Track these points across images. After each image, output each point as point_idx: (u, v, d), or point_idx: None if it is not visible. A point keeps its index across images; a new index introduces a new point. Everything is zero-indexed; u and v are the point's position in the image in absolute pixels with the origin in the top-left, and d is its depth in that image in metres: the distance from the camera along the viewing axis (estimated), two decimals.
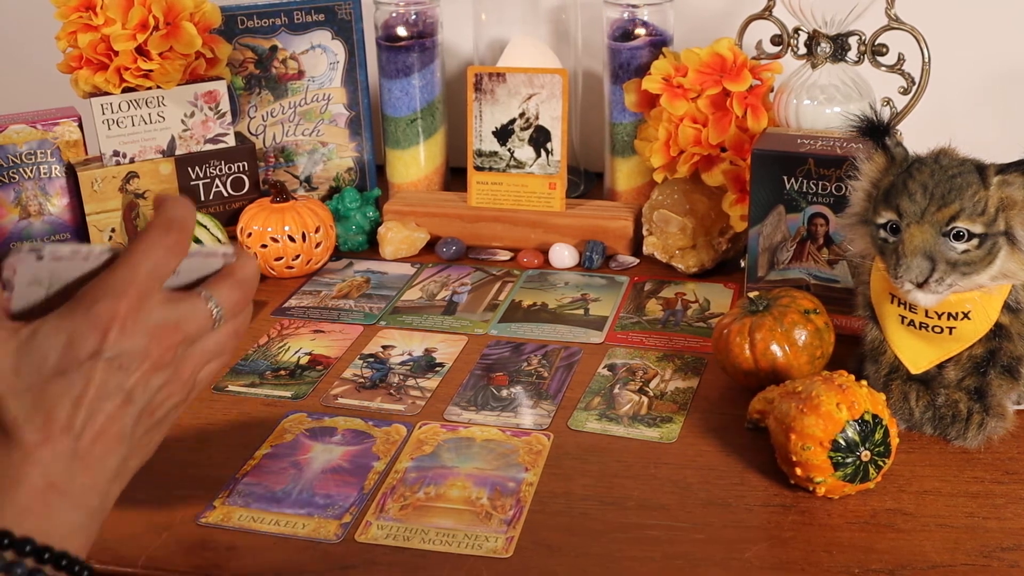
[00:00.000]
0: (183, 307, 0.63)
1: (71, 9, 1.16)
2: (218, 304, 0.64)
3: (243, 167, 1.29)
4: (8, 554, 0.57)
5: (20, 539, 0.57)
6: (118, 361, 0.60)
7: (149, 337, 0.61)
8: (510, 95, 1.29)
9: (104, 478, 0.61)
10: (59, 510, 0.59)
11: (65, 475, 0.59)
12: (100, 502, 0.61)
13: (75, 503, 0.60)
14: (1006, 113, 1.36)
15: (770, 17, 1.21)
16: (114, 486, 0.62)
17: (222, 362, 0.67)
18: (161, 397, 0.63)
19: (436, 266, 1.28)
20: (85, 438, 0.60)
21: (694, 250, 1.22)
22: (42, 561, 0.57)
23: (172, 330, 0.62)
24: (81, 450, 0.59)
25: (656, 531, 0.82)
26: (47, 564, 0.58)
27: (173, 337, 0.62)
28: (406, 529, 0.83)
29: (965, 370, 0.91)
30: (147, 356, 0.61)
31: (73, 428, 0.59)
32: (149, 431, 0.64)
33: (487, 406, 0.99)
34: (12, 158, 1.21)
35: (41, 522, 0.58)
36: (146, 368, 0.61)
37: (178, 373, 0.63)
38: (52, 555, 0.58)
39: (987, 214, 0.84)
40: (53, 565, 0.58)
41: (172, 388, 0.64)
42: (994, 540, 0.80)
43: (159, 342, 0.61)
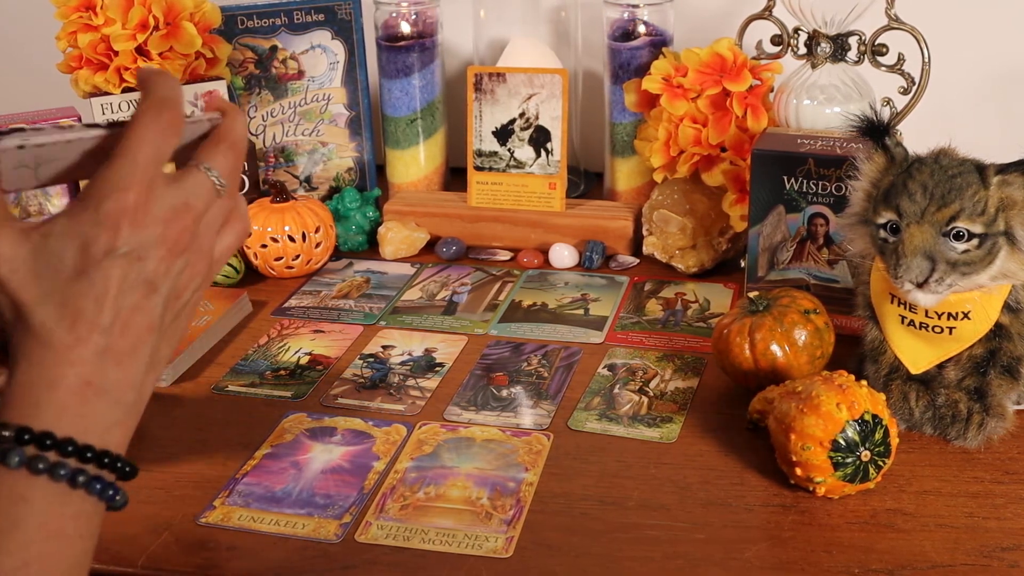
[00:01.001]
0: (187, 185, 0.62)
1: (71, 9, 1.16)
2: (217, 173, 0.64)
3: (243, 167, 1.29)
4: (51, 455, 0.57)
5: (62, 439, 0.57)
6: (136, 253, 0.59)
7: (162, 223, 0.60)
8: (510, 95, 1.29)
9: (138, 370, 0.61)
10: (96, 407, 0.59)
11: (99, 372, 0.59)
12: (136, 395, 0.61)
13: (112, 399, 0.59)
14: (1006, 113, 1.36)
15: (770, 17, 1.21)
16: (148, 377, 0.62)
17: (236, 232, 0.67)
18: (184, 279, 0.63)
19: (436, 266, 1.28)
20: (115, 333, 0.59)
21: (694, 250, 1.22)
22: (84, 460, 0.57)
23: (183, 211, 0.61)
24: (113, 345, 0.59)
25: (656, 531, 0.82)
26: (90, 463, 0.58)
27: (185, 218, 0.61)
28: (406, 529, 0.83)
29: (965, 370, 0.91)
30: (163, 242, 0.60)
31: (101, 325, 0.59)
32: (177, 316, 0.63)
33: (487, 406, 0.99)
34: None
35: (80, 421, 0.58)
36: (164, 254, 0.60)
37: (197, 252, 0.63)
38: (94, 454, 0.58)
39: (987, 214, 0.84)
40: (96, 464, 0.58)
41: (194, 269, 0.63)
42: (994, 540, 0.80)
43: (173, 226, 0.61)
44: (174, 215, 0.61)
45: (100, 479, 0.58)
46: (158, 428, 0.97)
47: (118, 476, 0.59)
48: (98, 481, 0.58)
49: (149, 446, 0.94)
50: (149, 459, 0.92)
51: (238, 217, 0.66)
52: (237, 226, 0.66)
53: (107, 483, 0.58)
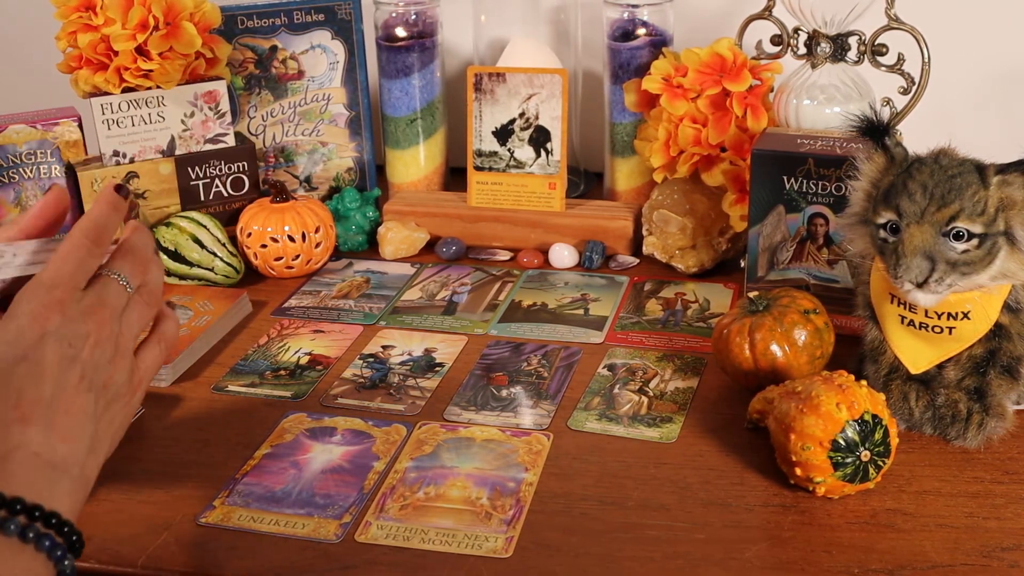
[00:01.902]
0: (98, 287, 0.72)
1: (71, 9, 1.16)
2: (120, 275, 0.73)
3: (243, 167, 1.29)
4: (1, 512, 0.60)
5: (11, 498, 0.61)
6: (67, 340, 0.68)
7: (85, 316, 0.69)
8: (510, 95, 1.29)
9: (80, 449, 0.66)
10: (44, 476, 0.63)
11: (45, 445, 0.64)
12: (79, 472, 0.66)
13: (59, 471, 0.64)
14: (1006, 113, 1.36)
15: (770, 17, 1.21)
16: (90, 460, 0.67)
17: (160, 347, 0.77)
18: (110, 371, 0.70)
19: (436, 266, 1.28)
20: (57, 410, 0.66)
21: (694, 250, 1.22)
22: (33, 518, 0.61)
23: (100, 307, 0.71)
24: (56, 422, 0.65)
25: (656, 531, 0.82)
26: (37, 521, 0.61)
27: (103, 313, 0.71)
28: (406, 529, 0.83)
29: (965, 370, 0.91)
30: (88, 334, 0.69)
31: (44, 401, 0.65)
32: (108, 407, 0.70)
33: (487, 406, 0.99)
34: (12, 158, 1.21)
35: (29, 487, 0.62)
36: (91, 343, 0.69)
37: (118, 347, 0.71)
38: (42, 513, 0.62)
39: (987, 214, 0.84)
40: (43, 523, 0.62)
41: (117, 363, 0.71)
42: (994, 540, 0.80)
43: (93, 319, 0.70)
44: (93, 310, 0.70)
45: (49, 537, 0.61)
46: (158, 428, 0.97)
47: (66, 542, 0.63)
48: (47, 538, 0.61)
49: (149, 446, 0.94)
50: (149, 459, 0.93)
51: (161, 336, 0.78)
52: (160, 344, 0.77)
53: (56, 543, 0.62)
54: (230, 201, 1.29)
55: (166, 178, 1.25)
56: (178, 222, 1.23)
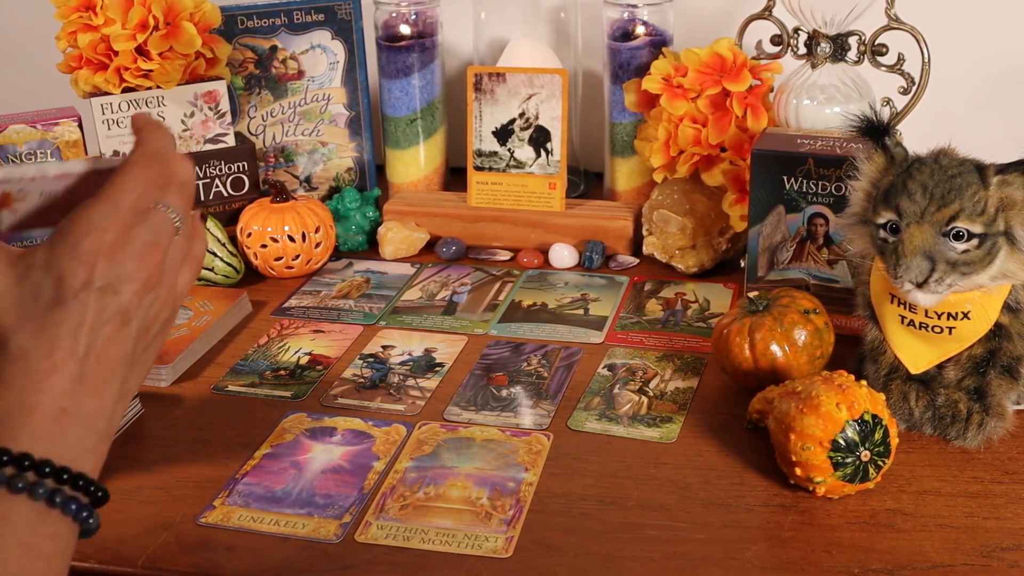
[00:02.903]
0: (154, 224, 0.66)
1: (71, 9, 1.16)
2: (175, 211, 0.68)
3: (243, 167, 1.29)
4: (30, 475, 0.59)
5: (40, 461, 0.59)
6: (111, 287, 0.63)
7: (136, 260, 0.64)
8: (510, 95, 1.29)
9: (110, 399, 0.63)
10: (71, 433, 0.61)
11: (74, 399, 0.61)
12: (107, 424, 0.63)
13: (85, 426, 0.62)
14: (1006, 113, 1.36)
15: (770, 17, 1.21)
16: (118, 407, 0.65)
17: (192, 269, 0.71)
18: (154, 313, 0.66)
19: (436, 266, 1.28)
20: (90, 363, 0.62)
21: (694, 250, 1.22)
22: (61, 482, 0.60)
23: (152, 248, 0.65)
24: (87, 374, 0.62)
25: (656, 531, 0.82)
26: (65, 484, 0.60)
27: (155, 255, 0.65)
28: (406, 529, 0.83)
29: (965, 370, 0.91)
30: (137, 277, 0.64)
31: (76, 354, 0.62)
32: (147, 348, 0.67)
33: (487, 406, 0.99)
34: (12, 158, 1.21)
35: (56, 445, 0.60)
36: (138, 288, 0.64)
37: (164, 286, 0.67)
38: (70, 476, 0.60)
39: (987, 214, 0.84)
40: (71, 485, 0.60)
41: (163, 302, 0.67)
42: (994, 540, 0.80)
43: (144, 263, 0.65)
44: (145, 252, 0.64)
45: (76, 500, 0.60)
46: (158, 428, 0.97)
47: (91, 500, 0.62)
48: (73, 502, 0.60)
49: (149, 446, 0.94)
50: (149, 459, 0.93)
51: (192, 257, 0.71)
52: (192, 264, 0.71)
53: (82, 504, 0.61)
54: (230, 201, 1.29)
55: None
56: None
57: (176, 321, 1.07)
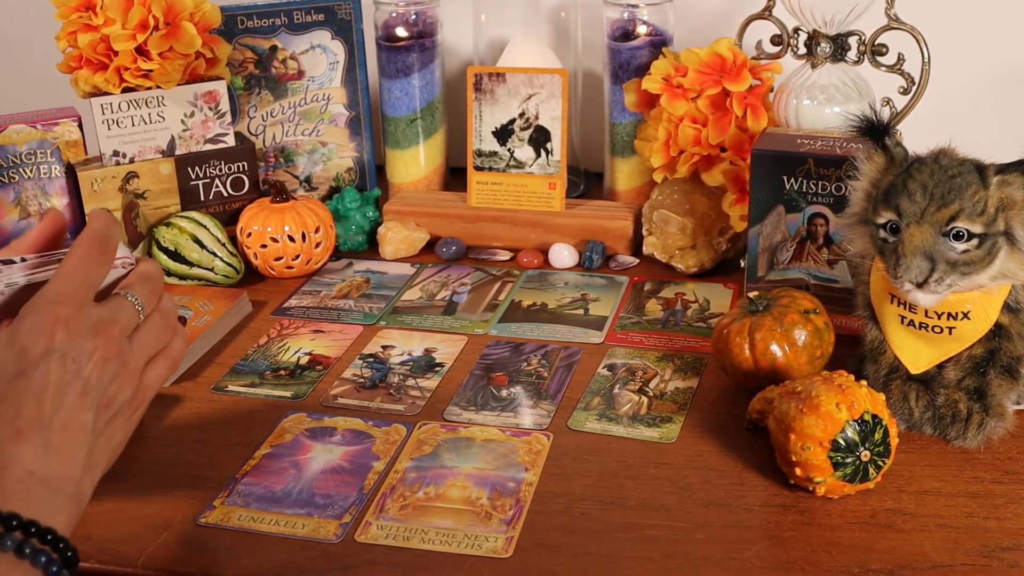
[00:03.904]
0: (111, 305, 0.72)
1: (71, 9, 1.16)
2: (136, 297, 0.73)
3: (243, 167, 1.29)
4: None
5: (7, 514, 0.61)
6: (70, 356, 0.67)
7: (92, 333, 0.69)
8: (510, 95, 1.29)
9: (75, 467, 0.66)
10: (40, 494, 0.63)
11: (42, 463, 0.64)
12: (74, 490, 0.66)
13: (53, 489, 0.64)
14: (1006, 113, 1.36)
15: (770, 17, 1.21)
16: (85, 478, 0.67)
17: (166, 366, 0.76)
18: (114, 389, 0.70)
19: (436, 266, 1.28)
20: (54, 428, 0.65)
21: (694, 250, 1.22)
22: (29, 534, 0.62)
23: (110, 324, 0.70)
24: (52, 440, 0.65)
25: (656, 531, 0.82)
26: (33, 537, 0.62)
27: (112, 330, 0.70)
28: (406, 529, 0.83)
29: (965, 370, 0.91)
30: (95, 350, 0.68)
31: (42, 420, 0.65)
32: (109, 424, 0.70)
33: (487, 406, 0.99)
34: (12, 158, 1.21)
35: (24, 504, 0.62)
36: (96, 360, 0.68)
37: (125, 364, 0.71)
38: (38, 530, 0.62)
39: (987, 214, 0.84)
40: (39, 539, 0.62)
41: (123, 380, 0.71)
42: (994, 540, 0.80)
43: (102, 336, 0.69)
44: (102, 327, 0.69)
45: (45, 553, 0.62)
46: (158, 428, 0.97)
47: (61, 558, 0.63)
48: (43, 554, 0.62)
49: (149, 446, 0.94)
50: (149, 459, 0.93)
51: (168, 354, 0.76)
52: (166, 362, 0.76)
53: (52, 559, 0.62)
54: (230, 201, 1.29)
55: (166, 178, 1.25)
56: (178, 222, 1.23)
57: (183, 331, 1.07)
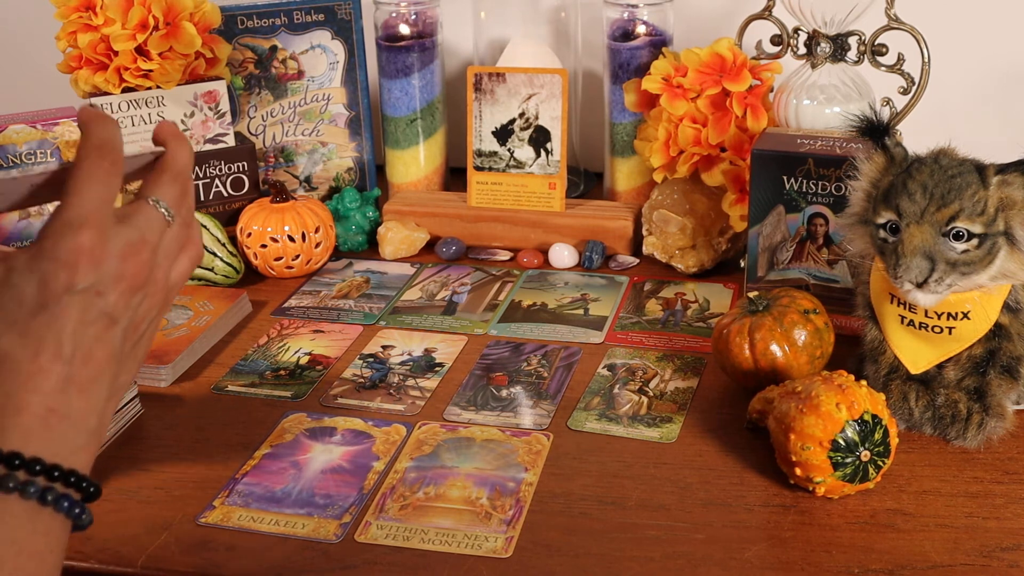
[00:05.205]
0: (139, 220, 0.64)
1: (71, 9, 1.16)
2: (164, 204, 0.66)
3: (243, 167, 1.29)
4: (20, 474, 0.59)
5: (30, 459, 0.59)
6: (94, 289, 0.61)
7: (119, 259, 0.62)
8: (510, 95, 1.29)
9: (99, 398, 0.63)
10: (61, 432, 0.61)
11: (62, 400, 0.61)
12: (97, 422, 0.63)
13: (75, 425, 0.62)
14: (1006, 113, 1.36)
15: (770, 17, 1.21)
16: (109, 404, 0.64)
17: (190, 257, 0.69)
18: (143, 311, 0.65)
19: (436, 266, 1.28)
20: (76, 363, 0.61)
21: (694, 250, 1.22)
22: (52, 479, 0.60)
23: (138, 246, 0.63)
24: (75, 375, 0.61)
25: (656, 531, 0.82)
26: (57, 481, 0.60)
27: (142, 253, 0.63)
28: (406, 529, 0.83)
29: (965, 370, 0.91)
30: (122, 277, 0.62)
31: (63, 355, 0.61)
32: (136, 345, 0.66)
33: (487, 406, 0.99)
34: (12, 158, 1.21)
35: (45, 444, 0.60)
36: (123, 288, 0.63)
37: (154, 284, 0.65)
38: (61, 473, 0.60)
39: (987, 214, 0.84)
40: (63, 482, 0.60)
41: (152, 300, 0.65)
42: (994, 540, 0.80)
43: (129, 262, 0.63)
44: (130, 251, 0.63)
45: (68, 497, 0.60)
46: (158, 428, 0.97)
47: (83, 496, 0.62)
48: (66, 499, 0.60)
49: (149, 446, 0.94)
50: (149, 459, 0.93)
51: (192, 244, 0.69)
52: (191, 252, 0.69)
53: (74, 501, 0.61)
54: (230, 201, 1.29)
55: None
56: None
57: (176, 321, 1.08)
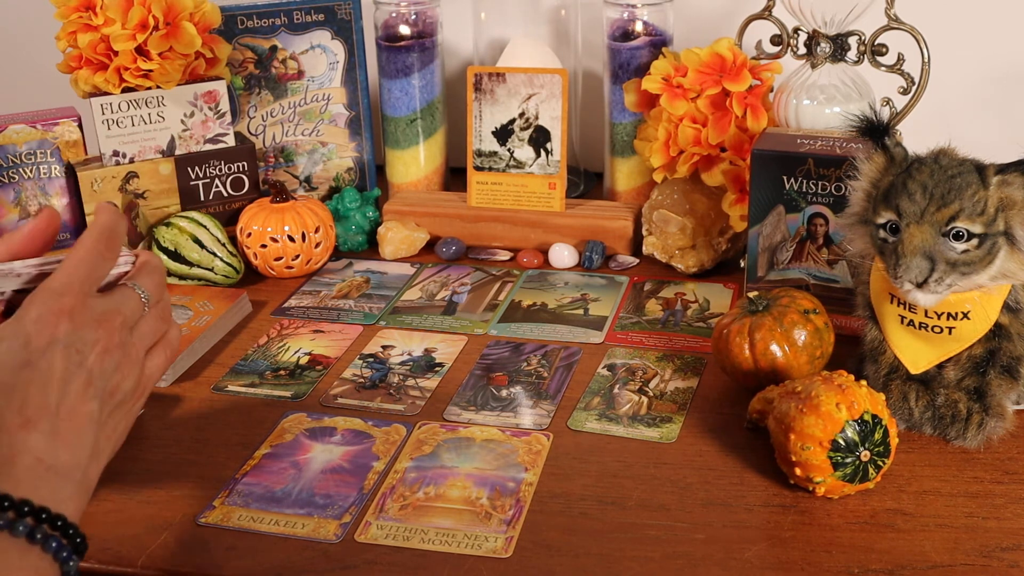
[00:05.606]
0: (117, 296, 0.73)
1: (71, 9, 1.16)
2: (143, 289, 0.75)
3: (243, 167, 1.29)
4: (9, 514, 0.62)
5: (19, 501, 0.62)
6: (74, 347, 0.68)
7: (96, 325, 0.69)
8: (510, 95, 1.29)
9: (83, 455, 0.67)
10: (48, 482, 0.64)
11: (50, 451, 0.65)
12: (82, 477, 0.67)
13: (62, 476, 0.65)
14: (1006, 113, 1.36)
15: (770, 17, 1.21)
16: (92, 465, 0.68)
17: (166, 355, 0.77)
18: (117, 379, 0.71)
19: (436, 266, 1.28)
20: (61, 417, 0.66)
21: (694, 250, 1.22)
22: (40, 521, 0.62)
23: (114, 315, 0.71)
24: (60, 428, 0.66)
25: (656, 531, 0.82)
26: (44, 524, 0.63)
27: (115, 320, 0.71)
28: (406, 529, 0.83)
29: (965, 370, 0.91)
30: (97, 341, 0.69)
31: (49, 408, 0.66)
32: (112, 413, 0.71)
33: (487, 406, 0.99)
34: (12, 158, 1.21)
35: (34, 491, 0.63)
36: (99, 351, 0.69)
37: (127, 355, 0.72)
38: (48, 516, 0.63)
39: (987, 214, 0.84)
40: (49, 525, 0.63)
41: (125, 370, 0.71)
42: (994, 540, 0.80)
43: (104, 327, 0.70)
44: (106, 318, 0.70)
45: (56, 539, 0.63)
46: (158, 428, 0.97)
47: (71, 544, 0.64)
48: (53, 539, 0.63)
49: (149, 446, 0.94)
50: (149, 459, 0.93)
51: (168, 342, 0.77)
52: (168, 348, 0.77)
53: (62, 544, 0.63)
54: (230, 201, 1.29)
55: (166, 178, 1.25)
56: (178, 222, 1.23)
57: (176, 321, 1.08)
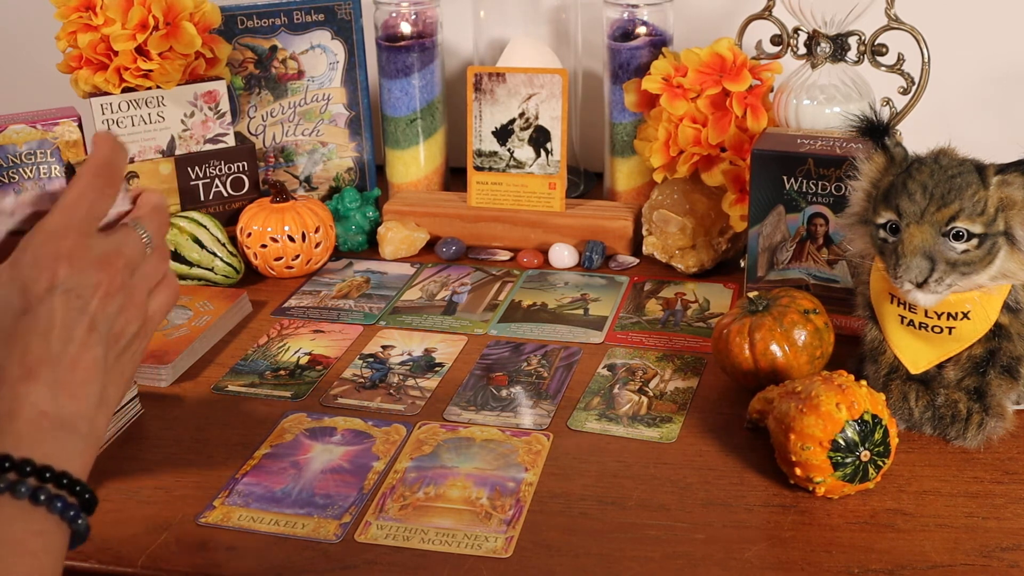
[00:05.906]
0: (118, 236, 0.68)
1: (71, 9, 1.16)
2: (145, 230, 0.70)
3: (243, 167, 1.29)
4: (10, 475, 0.59)
5: (20, 460, 0.59)
6: (75, 292, 0.64)
7: (96, 267, 0.65)
8: (510, 95, 1.29)
9: (89, 404, 0.64)
10: (53, 436, 0.62)
11: (53, 403, 0.62)
12: (89, 427, 0.64)
13: (67, 429, 0.62)
14: (1006, 113, 1.36)
15: (770, 17, 1.21)
16: (100, 413, 0.65)
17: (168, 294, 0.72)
18: (121, 323, 0.67)
19: (436, 266, 1.28)
20: (63, 366, 0.63)
21: (694, 250, 1.22)
22: (44, 480, 0.60)
23: (115, 256, 0.67)
24: (63, 378, 0.63)
25: (656, 531, 0.82)
26: (48, 483, 0.60)
27: (117, 263, 0.67)
28: (406, 529, 0.83)
29: (965, 370, 0.91)
30: (99, 284, 0.65)
31: (51, 358, 0.62)
32: (119, 358, 0.67)
33: (487, 406, 0.99)
34: (12, 158, 1.21)
35: (38, 447, 0.61)
36: (101, 294, 0.65)
37: (131, 298, 0.68)
38: (53, 474, 0.60)
39: (987, 214, 0.84)
40: (54, 484, 0.60)
41: (129, 314, 0.68)
42: (994, 540, 0.80)
43: (106, 270, 0.66)
44: (107, 260, 0.66)
45: (61, 498, 0.60)
46: (158, 428, 0.97)
47: (79, 501, 0.62)
48: (58, 499, 0.60)
49: (149, 446, 0.94)
50: (149, 459, 0.93)
51: (169, 283, 0.73)
52: (169, 288, 0.72)
53: (68, 503, 0.61)
54: (230, 201, 1.29)
55: (166, 178, 1.25)
56: (178, 222, 1.23)
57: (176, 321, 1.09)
